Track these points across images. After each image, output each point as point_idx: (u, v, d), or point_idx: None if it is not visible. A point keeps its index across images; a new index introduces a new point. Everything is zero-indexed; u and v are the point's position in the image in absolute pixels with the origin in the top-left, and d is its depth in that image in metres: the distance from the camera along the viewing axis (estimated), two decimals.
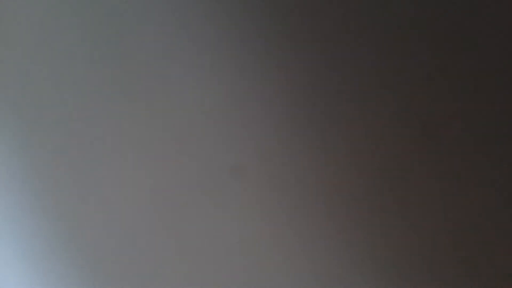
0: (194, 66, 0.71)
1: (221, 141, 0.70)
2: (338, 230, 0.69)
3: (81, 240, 0.70)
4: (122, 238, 0.70)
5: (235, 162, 0.70)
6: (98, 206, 0.70)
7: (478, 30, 0.70)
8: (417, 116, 0.70)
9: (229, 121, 0.71)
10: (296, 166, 0.70)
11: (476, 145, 0.69)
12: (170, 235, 0.70)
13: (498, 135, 0.69)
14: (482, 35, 0.70)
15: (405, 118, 0.70)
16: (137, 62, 0.72)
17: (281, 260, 0.69)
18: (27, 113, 0.72)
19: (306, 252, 0.69)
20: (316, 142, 0.70)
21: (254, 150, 0.70)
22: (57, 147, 0.71)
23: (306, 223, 0.69)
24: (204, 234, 0.70)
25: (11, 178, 0.71)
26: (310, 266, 0.69)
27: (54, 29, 0.72)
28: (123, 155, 0.71)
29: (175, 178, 0.70)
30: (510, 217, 0.69)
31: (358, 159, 0.70)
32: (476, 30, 0.70)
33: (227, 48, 0.71)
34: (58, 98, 0.72)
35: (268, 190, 0.70)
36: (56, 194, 0.71)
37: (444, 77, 0.70)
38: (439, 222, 0.69)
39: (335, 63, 0.71)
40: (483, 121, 0.69)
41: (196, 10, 0.72)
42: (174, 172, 0.70)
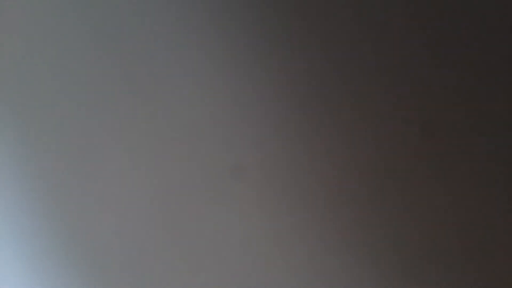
0: (195, 66, 0.71)
1: (221, 141, 0.70)
2: (339, 230, 0.69)
3: (81, 240, 0.70)
4: (122, 238, 0.70)
5: (236, 162, 0.70)
6: (98, 206, 0.70)
7: (478, 30, 0.70)
8: (417, 116, 0.70)
9: (229, 121, 0.71)
10: (296, 166, 0.70)
11: (476, 145, 0.69)
12: (170, 235, 0.70)
13: (499, 135, 0.69)
14: (482, 35, 0.70)
15: (405, 118, 0.70)
16: (137, 62, 0.72)
17: (281, 260, 0.69)
18: (27, 113, 0.72)
19: (307, 252, 0.69)
20: (316, 142, 0.70)
21: (254, 150, 0.70)
22: (57, 147, 0.71)
23: (307, 224, 0.69)
24: (204, 234, 0.70)
25: (11, 178, 0.71)
26: (311, 266, 0.69)
27: (54, 28, 0.72)
28: (123, 155, 0.71)
29: (175, 178, 0.70)
30: (511, 217, 0.69)
31: (358, 159, 0.70)
32: (476, 30, 0.70)
33: (228, 48, 0.71)
34: (58, 98, 0.72)
35: (268, 191, 0.70)
36: (56, 194, 0.71)
37: (444, 77, 0.70)
38: (440, 222, 0.69)
39: (335, 63, 0.71)
40: (483, 121, 0.70)
41: (197, 10, 0.72)
42: (174, 172, 0.70)
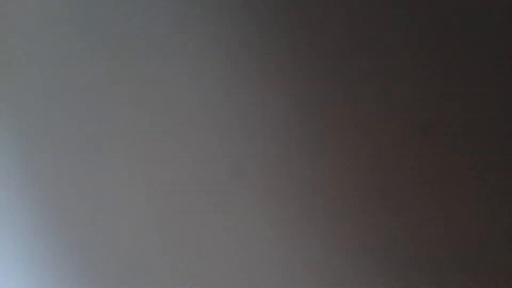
0: (194, 67, 0.71)
1: (221, 141, 0.70)
2: (338, 230, 0.69)
3: (80, 240, 0.70)
4: (122, 238, 0.70)
5: (235, 162, 0.70)
6: (97, 206, 0.70)
7: (478, 30, 0.70)
8: (417, 116, 0.70)
9: (229, 121, 0.71)
10: (296, 166, 0.70)
11: (476, 145, 0.69)
12: (170, 235, 0.70)
13: (499, 135, 0.69)
14: (482, 35, 0.70)
15: (405, 119, 0.70)
16: (137, 62, 0.72)
17: (281, 260, 0.69)
18: (27, 114, 0.72)
19: (307, 252, 0.69)
20: (316, 142, 0.70)
21: (254, 150, 0.70)
22: (57, 148, 0.71)
23: (306, 224, 0.69)
24: (204, 234, 0.70)
25: (11, 179, 0.71)
26: (310, 266, 0.69)
27: (54, 29, 0.72)
28: (123, 155, 0.71)
29: (175, 178, 0.70)
30: (511, 217, 0.69)
31: (358, 159, 0.70)
32: (476, 30, 0.70)
33: (227, 48, 0.71)
34: (58, 98, 0.72)
35: (268, 191, 0.70)
36: (56, 194, 0.71)
37: (444, 77, 0.70)
38: (440, 222, 0.69)
39: (335, 64, 0.71)
40: (483, 121, 0.69)
41: (197, 10, 0.72)
42: (174, 172, 0.70)
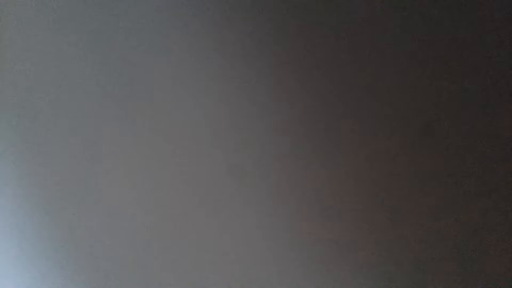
0: (194, 67, 0.71)
1: (220, 142, 0.70)
2: (337, 231, 0.69)
3: (80, 241, 0.70)
4: (121, 239, 0.70)
5: (234, 163, 0.70)
6: (97, 207, 0.70)
7: (478, 30, 0.70)
8: (417, 116, 0.70)
9: (227, 121, 0.71)
10: (295, 167, 0.70)
11: (476, 145, 0.69)
12: (169, 236, 0.70)
13: (499, 135, 0.69)
14: (482, 35, 0.70)
15: (405, 119, 0.70)
16: (137, 63, 0.72)
17: (280, 260, 0.69)
18: (27, 115, 0.72)
19: (306, 253, 0.69)
20: (315, 143, 0.70)
21: (252, 150, 0.70)
22: (57, 148, 0.71)
23: (305, 224, 0.69)
24: (203, 234, 0.70)
25: (11, 179, 0.71)
26: (308, 267, 0.69)
27: (54, 29, 0.72)
28: (122, 156, 0.71)
29: (174, 179, 0.70)
30: (511, 217, 0.69)
31: (358, 160, 0.70)
32: (476, 30, 0.70)
33: (227, 49, 0.71)
34: (58, 99, 0.72)
35: (267, 191, 0.70)
36: (55, 195, 0.71)
37: (444, 77, 0.70)
38: (440, 222, 0.69)
39: (335, 64, 0.71)
40: (483, 121, 0.69)
41: (197, 11, 0.72)
42: (173, 173, 0.70)
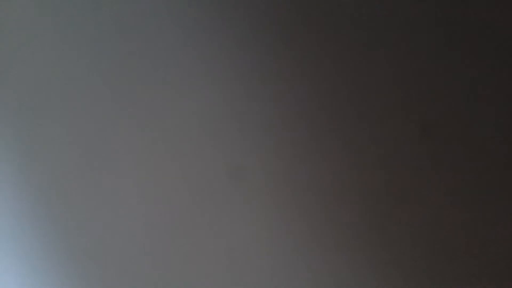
0: (195, 68, 0.71)
1: (221, 143, 0.71)
2: (338, 230, 0.69)
3: (79, 242, 0.70)
4: (121, 240, 0.70)
5: (235, 163, 0.70)
6: (97, 208, 0.70)
7: (478, 30, 0.70)
8: (417, 116, 0.70)
9: (229, 123, 0.71)
10: (295, 168, 0.70)
11: (476, 145, 0.69)
12: (171, 237, 0.70)
13: (499, 135, 0.69)
14: (482, 35, 0.70)
15: (405, 119, 0.70)
16: (137, 64, 0.72)
17: (280, 262, 0.69)
18: (26, 114, 0.72)
19: (307, 254, 0.69)
20: (316, 143, 0.70)
21: (254, 152, 0.70)
22: (57, 149, 0.71)
23: (306, 226, 0.69)
24: (203, 236, 0.70)
25: (10, 180, 0.71)
26: (310, 267, 0.69)
27: (54, 29, 0.72)
28: (122, 157, 0.71)
29: (174, 180, 0.70)
30: (511, 217, 0.69)
31: (358, 160, 0.70)
32: (476, 30, 0.70)
33: (227, 49, 0.71)
34: (59, 100, 0.72)
35: (267, 193, 0.70)
36: (55, 195, 0.71)
37: (444, 77, 0.70)
38: (440, 222, 0.69)
39: (335, 64, 0.71)
40: (483, 121, 0.69)
41: (197, 10, 0.72)
42: (173, 174, 0.70)
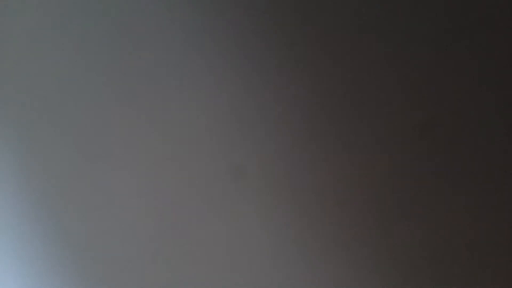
0: (195, 68, 0.71)
1: (222, 142, 0.71)
2: (338, 230, 0.69)
3: (79, 242, 0.70)
4: (121, 240, 0.70)
5: (236, 163, 0.70)
6: (97, 208, 0.70)
7: (478, 30, 0.70)
8: (417, 116, 0.70)
9: (229, 122, 0.71)
10: (295, 168, 0.70)
11: (476, 145, 0.69)
12: (169, 237, 0.70)
13: (499, 135, 0.69)
14: (482, 35, 0.70)
15: (405, 118, 0.70)
16: (138, 64, 0.72)
17: (280, 262, 0.69)
18: (26, 114, 0.72)
19: (307, 254, 0.69)
20: (316, 143, 0.70)
21: (255, 151, 0.70)
22: (58, 149, 0.71)
23: (306, 226, 0.69)
24: (203, 235, 0.70)
25: (10, 180, 0.71)
26: (310, 267, 0.69)
27: (54, 29, 0.72)
28: (123, 156, 0.71)
29: (174, 180, 0.70)
30: (511, 217, 0.69)
31: (358, 160, 0.70)
32: (476, 30, 0.70)
33: (227, 49, 0.71)
34: (59, 100, 0.72)
35: (268, 192, 0.70)
36: (56, 195, 0.71)
37: (444, 77, 0.70)
38: (440, 222, 0.69)
39: (335, 64, 0.71)
40: (483, 121, 0.69)
41: (197, 10, 0.72)
42: (173, 174, 0.70)
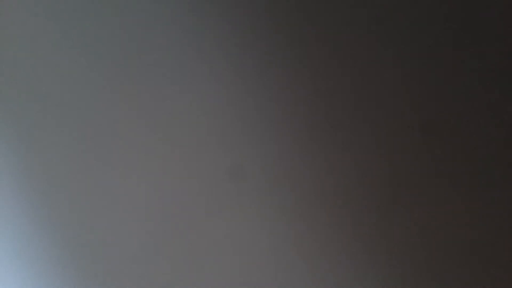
0: (195, 68, 0.71)
1: (221, 143, 0.71)
2: (338, 230, 0.69)
3: (81, 241, 0.70)
4: (121, 240, 0.70)
5: (235, 164, 0.70)
6: (97, 208, 0.70)
7: (478, 30, 0.70)
8: (417, 116, 0.70)
9: (228, 122, 0.71)
10: (296, 168, 0.70)
11: (476, 145, 0.69)
12: (169, 237, 0.70)
13: (499, 135, 0.69)
14: (482, 35, 0.70)
15: (405, 118, 0.70)
16: (137, 63, 0.72)
17: (281, 262, 0.69)
18: (26, 114, 0.72)
19: (307, 254, 0.69)
20: (316, 143, 0.70)
21: (254, 152, 0.70)
22: (58, 149, 0.71)
23: (307, 226, 0.69)
24: (203, 235, 0.70)
25: (11, 181, 0.71)
26: (309, 267, 0.69)
27: (54, 29, 0.72)
28: (122, 157, 0.71)
29: (175, 180, 0.70)
30: (511, 217, 0.69)
31: (358, 160, 0.70)
32: (475, 30, 0.70)
33: (229, 50, 0.71)
34: (59, 100, 0.72)
35: (268, 193, 0.70)
36: (56, 195, 0.71)
37: (444, 77, 0.70)
38: (440, 222, 0.69)
39: (335, 64, 0.71)
40: (484, 121, 0.69)
41: (197, 10, 0.72)
42: (174, 174, 0.70)
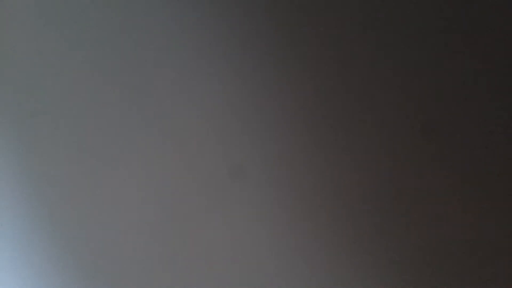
0: (195, 68, 0.71)
1: (221, 143, 0.71)
2: (338, 230, 0.69)
3: (81, 241, 0.70)
4: (121, 240, 0.70)
5: (236, 164, 0.70)
6: (97, 208, 0.70)
7: (478, 30, 0.70)
8: (417, 116, 0.70)
9: (229, 122, 0.71)
10: (296, 167, 0.70)
11: (476, 145, 0.69)
12: (170, 236, 0.70)
13: (499, 135, 0.69)
14: (482, 35, 0.70)
15: (405, 118, 0.70)
16: (137, 64, 0.72)
17: (281, 261, 0.69)
18: (26, 114, 0.72)
19: (308, 253, 0.69)
20: (316, 143, 0.70)
21: (254, 152, 0.70)
22: (58, 149, 0.71)
23: (307, 225, 0.69)
24: (204, 235, 0.70)
25: (11, 181, 0.71)
26: (310, 267, 0.69)
27: (54, 30, 0.72)
28: (123, 156, 0.71)
29: (175, 180, 0.70)
30: (511, 217, 0.69)
31: (358, 159, 0.70)
32: (476, 30, 0.70)
33: (227, 49, 0.71)
34: (60, 100, 0.72)
35: (268, 192, 0.70)
36: (56, 195, 0.71)
37: (446, 77, 0.70)
38: (440, 222, 0.69)
39: (335, 64, 0.71)
40: (484, 121, 0.69)
41: (197, 10, 0.72)
42: (174, 174, 0.70)
